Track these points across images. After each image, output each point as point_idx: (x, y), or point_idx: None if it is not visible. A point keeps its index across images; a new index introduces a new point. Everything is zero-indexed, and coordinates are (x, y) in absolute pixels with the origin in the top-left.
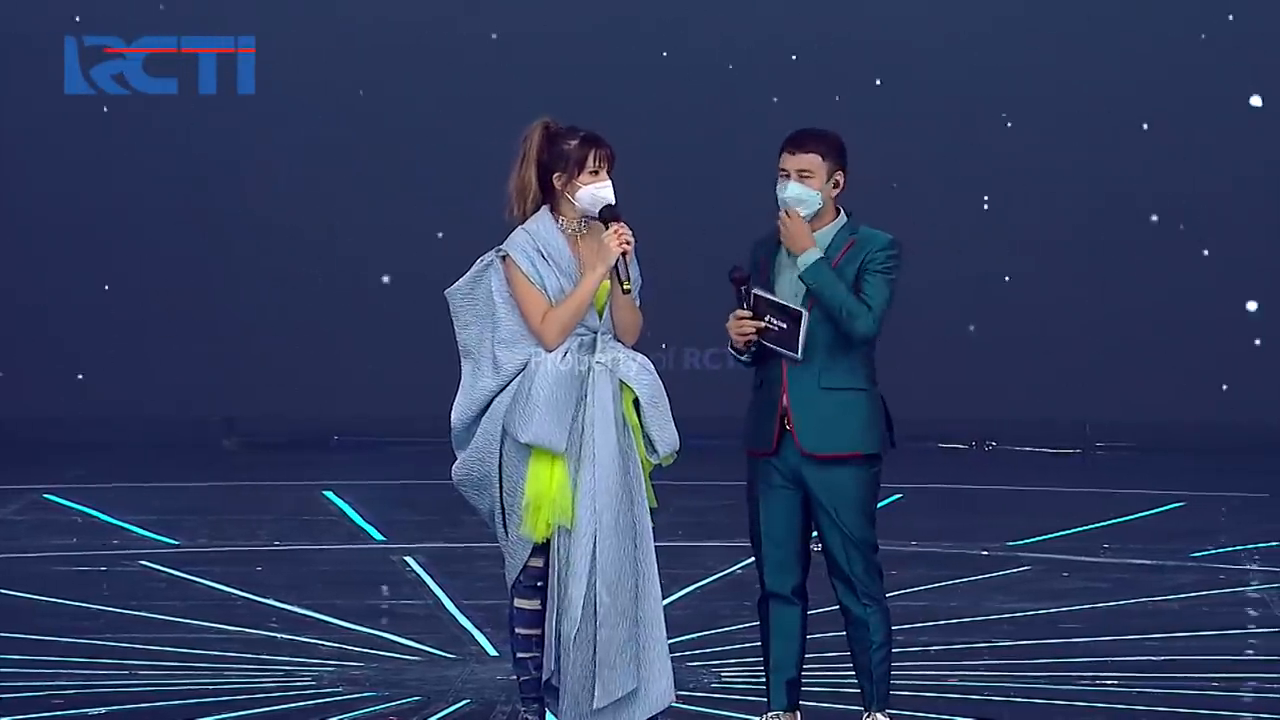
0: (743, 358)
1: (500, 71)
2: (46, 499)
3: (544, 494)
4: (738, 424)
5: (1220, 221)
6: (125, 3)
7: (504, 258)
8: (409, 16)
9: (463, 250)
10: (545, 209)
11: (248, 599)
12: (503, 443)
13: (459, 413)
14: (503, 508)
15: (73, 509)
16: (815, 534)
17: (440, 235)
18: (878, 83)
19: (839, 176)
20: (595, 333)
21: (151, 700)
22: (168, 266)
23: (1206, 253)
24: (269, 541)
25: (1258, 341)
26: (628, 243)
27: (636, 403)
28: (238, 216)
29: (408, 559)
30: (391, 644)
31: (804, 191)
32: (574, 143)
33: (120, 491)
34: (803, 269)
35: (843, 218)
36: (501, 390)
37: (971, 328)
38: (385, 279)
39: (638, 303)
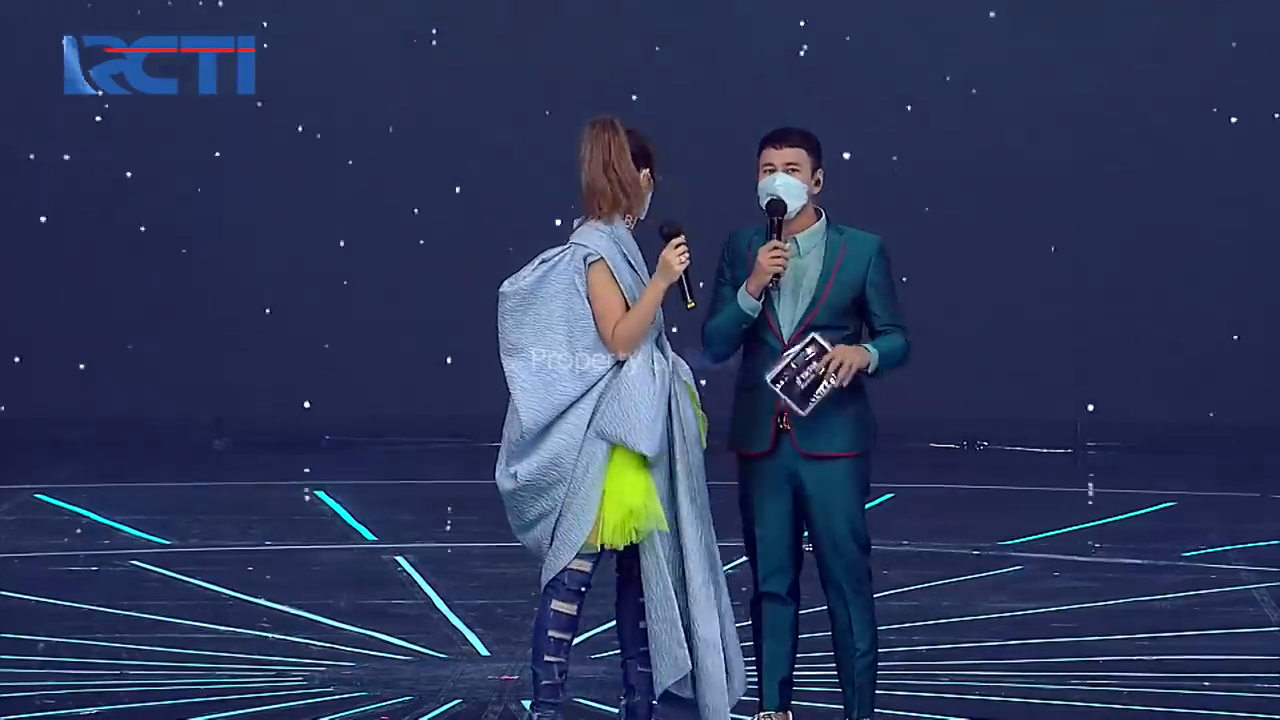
0: (759, 300)
1: (501, 72)
2: (38, 499)
3: (638, 502)
4: None
5: (1212, 223)
6: (125, 3)
7: (594, 261)
8: (409, 17)
9: (461, 251)
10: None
11: (239, 599)
12: (581, 445)
13: (536, 416)
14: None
15: (64, 509)
16: (806, 534)
17: (421, 242)
18: (802, 50)
19: (819, 174)
20: (660, 332)
21: (143, 700)
22: (162, 266)
23: (1197, 254)
24: (260, 541)
25: (1237, 338)
26: (685, 260)
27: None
28: (235, 216)
29: (399, 559)
30: (383, 644)
31: (794, 184)
32: (649, 145)
33: (111, 491)
34: (874, 369)
35: (823, 219)
36: (584, 395)
37: (963, 328)
38: (356, 287)
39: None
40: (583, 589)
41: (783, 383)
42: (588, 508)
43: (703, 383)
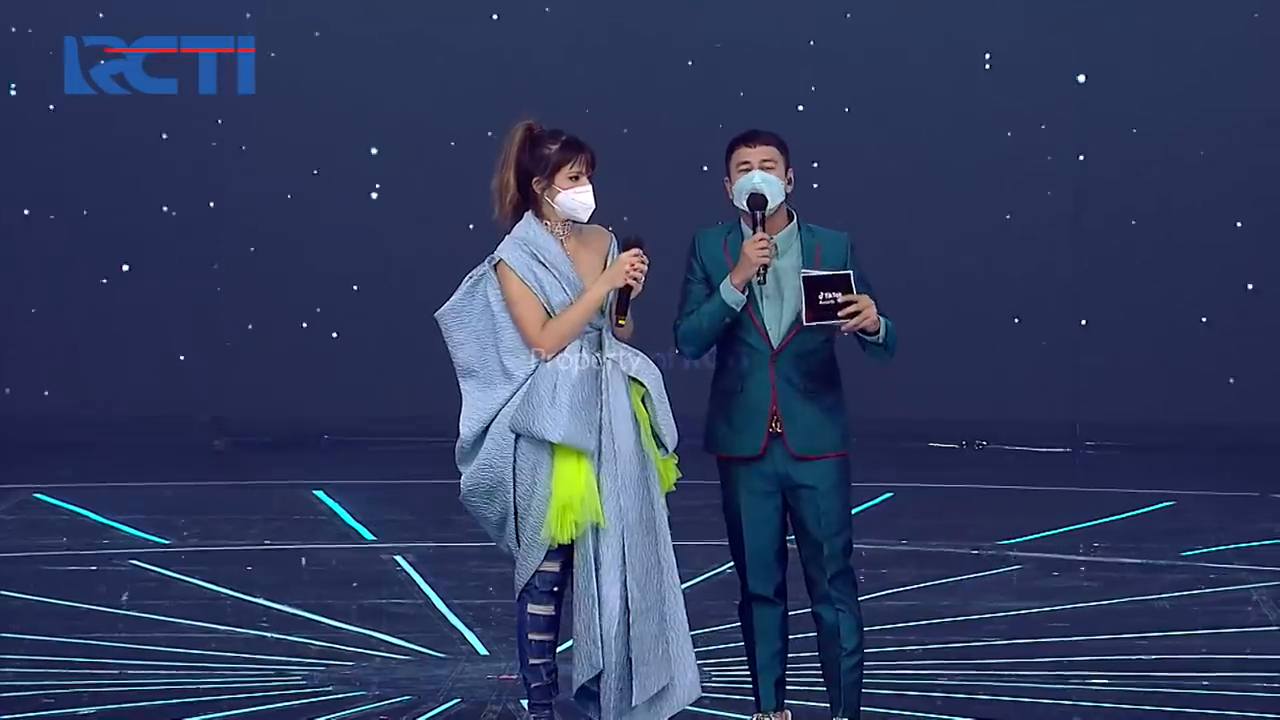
0: (744, 294)
1: (500, 72)
2: (36, 498)
3: (574, 495)
4: None
5: (1210, 222)
6: (125, 3)
7: (497, 265)
8: (409, 16)
9: (459, 252)
10: (530, 214)
11: (238, 598)
12: (516, 446)
13: (470, 426)
14: (515, 513)
15: (63, 508)
16: (791, 534)
17: (462, 233)
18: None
19: (790, 173)
20: (600, 330)
21: (142, 700)
22: (161, 265)
23: (1196, 252)
24: (259, 541)
25: (1237, 338)
26: (638, 276)
27: (644, 398)
28: (235, 216)
29: (398, 558)
30: (382, 643)
31: (773, 180)
32: (554, 147)
33: (110, 491)
34: (885, 336)
35: (795, 219)
36: (511, 398)
37: (963, 327)
38: (354, 287)
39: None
40: (555, 588)
41: (812, 284)
42: (543, 509)
43: None
